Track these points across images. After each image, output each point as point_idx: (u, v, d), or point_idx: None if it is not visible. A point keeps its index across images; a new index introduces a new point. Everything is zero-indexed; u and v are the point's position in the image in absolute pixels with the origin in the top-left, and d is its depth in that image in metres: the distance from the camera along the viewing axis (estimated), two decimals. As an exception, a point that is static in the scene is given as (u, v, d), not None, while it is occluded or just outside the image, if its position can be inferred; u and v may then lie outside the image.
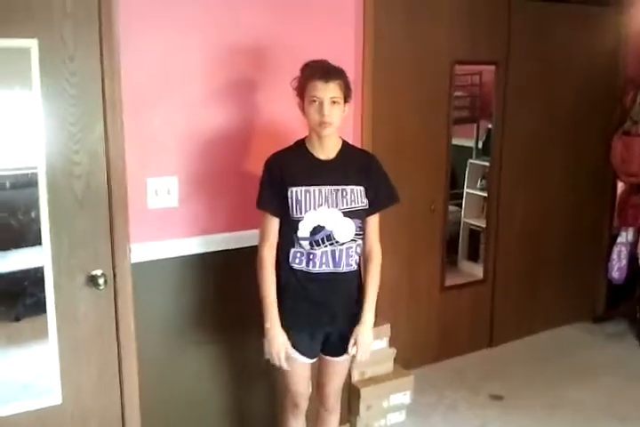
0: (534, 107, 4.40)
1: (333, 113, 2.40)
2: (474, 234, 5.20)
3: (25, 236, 2.52)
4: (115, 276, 2.61)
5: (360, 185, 2.52)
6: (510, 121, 4.33)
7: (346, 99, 2.46)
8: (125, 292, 2.64)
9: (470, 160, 5.46)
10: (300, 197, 2.45)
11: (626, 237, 4.74)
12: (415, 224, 4.02)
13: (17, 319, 2.62)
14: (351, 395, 3.41)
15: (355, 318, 2.59)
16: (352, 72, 3.20)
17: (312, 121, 2.42)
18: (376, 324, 3.42)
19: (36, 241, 2.48)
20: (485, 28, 4.07)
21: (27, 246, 2.54)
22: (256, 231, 2.92)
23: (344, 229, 2.49)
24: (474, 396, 3.90)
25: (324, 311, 2.56)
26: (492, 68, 4.27)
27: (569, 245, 4.81)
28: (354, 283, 2.63)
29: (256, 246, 2.93)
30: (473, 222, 5.23)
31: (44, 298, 2.52)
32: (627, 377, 4.16)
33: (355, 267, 2.59)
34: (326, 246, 2.49)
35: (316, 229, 2.46)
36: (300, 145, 2.54)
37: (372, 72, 3.38)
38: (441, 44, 3.89)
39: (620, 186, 4.84)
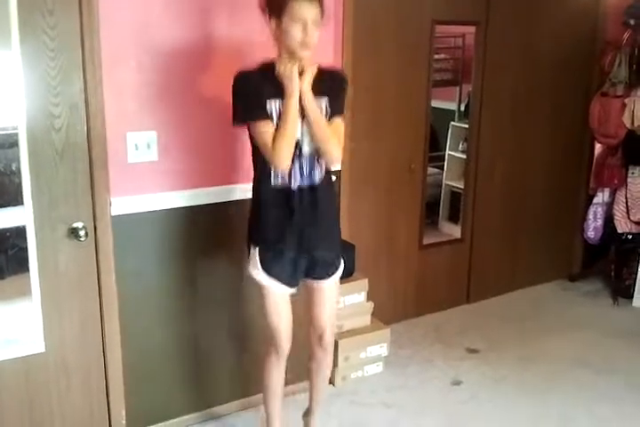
0: (514, 68, 4.44)
1: (315, 35, 2.37)
2: (455, 196, 5.25)
3: (7, 192, 2.57)
4: (95, 228, 2.67)
5: (327, 96, 2.50)
6: (490, 83, 4.37)
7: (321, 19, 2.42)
8: (106, 243, 2.71)
9: (452, 123, 5.50)
10: (279, 110, 2.41)
11: (602, 197, 4.82)
12: (394, 183, 4.08)
13: (1, 277, 2.68)
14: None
15: (335, 242, 2.67)
16: (332, 31, 3.23)
17: (292, 42, 2.35)
18: (354, 279, 3.56)
19: (19, 198, 2.53)
20: (466, -12, 4.10)
21: (10, 206, 2.59)
22: (236, 186, 3.01)
23: (309, 139, 2.49)
24: (450, 349, 4.00)
25: (304, 228, 2.53)
26: (474, 29, 4.30)
27: (546, 205, 4.90)
28: (329, 196, 2.63)
29: (236, 201, 3.01)
30: (454, 184, 5.28)
31: (28, 254, 2.58)
32: (601, 332, 4.27)
33: (321, 179, 2.56)
34: (299, 159, 2.47)
35: (295, 143, 2.44)
36: (269, 65, 2.45)
37: (351, 31, 3.40)
38: (421, 3, 3.91)
39: (598, 147, 4.90)
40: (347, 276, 3.45)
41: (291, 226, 2.52)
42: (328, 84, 2.51)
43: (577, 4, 4.62)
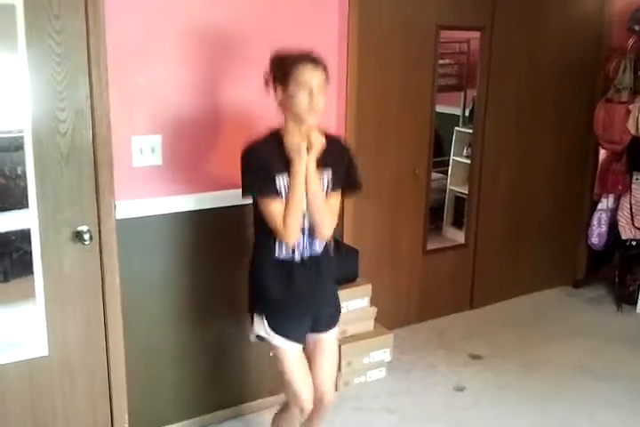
0: (518, 74, 4.44)
1: (321, 100, 2.35)
2: (459, 201, 5.27)
3: (13, 196, 2.58)
4: (100, 231, 2.67)
5: (330, 167, 2.47)
6: (494, 88, 4.37)
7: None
8: (110, 247, 2.70)
9: (457, 128, 5.51)
10: (287, 186, 2.39)
11: (606, 203, 4.82)
12: (399, 189, 4.09)
13: (6, 280, 2.68)
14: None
15: (336, 303, 2.69)
16: (336, 36, 3.25)
17: (298, 108, 2.34)
18: (358, 284, 3.57)
19: (24, 201, 2.54)
20: (471, -6, 4.11)
21: (15, 207, 2.60)
22: (238, 191, 2.99)
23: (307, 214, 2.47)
24: (453, 355, 4.00)
25: (311, 297, 2.54)
26: (479, 35, 4.30)
27: (551, 211, 4.89)
28: (329, 262, 2.62)
29: (239, 205, 3.00)
30: (458, 190, 5.30)
31: (32, 257, 2.58)
32: (604, 339, 4.26)
33: (321, 249, 2.56)
34: (302, 231, 2.47)
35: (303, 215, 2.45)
36: (276, 136, 2.44)
37: (357, 37, 3.42)
38: (426, 8, 3.92)
39: (602, 153, 4.90)
40: (350, 281, 3.47)
41: (294, 295, 2.51)
42: (332, 155, 2.47)
43: (582, 9, 4.62)
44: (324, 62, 2.38)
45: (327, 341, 2.67)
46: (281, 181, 2.39)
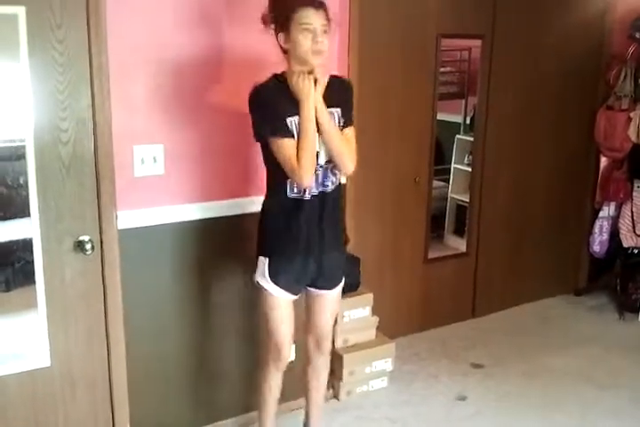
0: (519, 81, 4.44)
1: (324, 41, 2.38)
2: (460, 209, 5.25)
3: (14, 205, 2.57)
4: (102, 241, 2.67)
5: (338, 106, 2.52)
6: (495, 95, 4.37)
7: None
8: (112, 257, 2.71)
9: (458, 136, 5.50)
10: (298, 126, 2.43)
11: (608, 211, 4.82)
12: (400, 196, 4.08)
13: (7, 289, 2.68)
14: (334, 361, 3.49)
15: (339, 252, 2.70)
16: (337, 45, 3.25)
17: (303, 50, 2.37)
18: (359, 293, 3.56)
19: (26, 211, 2.54)
20: (471, 2, 4.11)
21: (17, 217, 2.59)
22: (242, 200, 3.02)
23: (324, 149, 2.51)
24: (455, 364, 3.99)
25: (312, 236, 2.56)
26: (480, 43, 4.30)
27: (552, 219, 4.88)
28: (337, 205, 2.65)
29: (242, 215, 3.00)
30: (460, 198, 5.28)
31: (34, 266, 2.58)
32: (606, 348, 4.25)
33: (333, 187, 2.58)
34: (317, 170, 2.50)
35: None
36: (281, 79, 2.47)
37: (357, 44, 3.42)
38: (427, 17, 3.92)
39: (603, 161, 4.89)
40: (352, 290, 3.45)
41: (300, 232, 2.54)
42: (337, 93, 2.53)
43: (583, 17, 4.62)
44: (324, 3, 2.41)
45: (328, 297, 2.74)
46: (292, 122, 2.42)
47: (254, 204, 2.94)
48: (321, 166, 2.51)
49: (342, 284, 2.78)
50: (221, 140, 2.94)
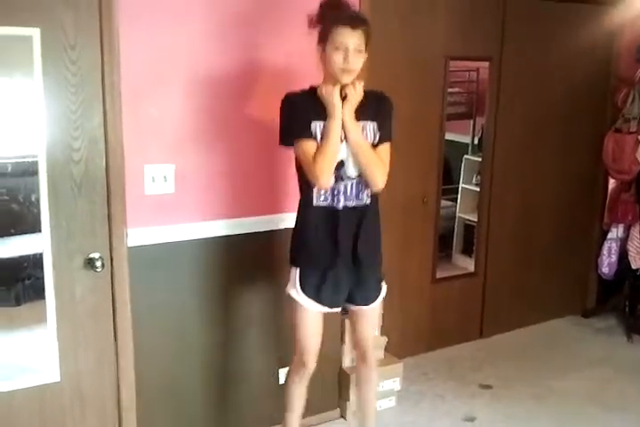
0: (527, 103, 4.47)
1: (357, 61, 2.43)
2: (468, 229, 5.26)
3: (26, 222, 2.60)
4: (112, 259, 2.70)
5: (374, 121, 2.55)
6: (503, 117, 4.40)
7: (367, 46, 2.49)
8: (122, 274, 2.73)
9: (466, 156, 5.53)
10: (322, 131, 2.47)
11: (616, 233, 4.82)
12: (408, 216, 4.09)
13: (18, 304, 2.70)
14: (341, 380, 3.50)
15: (376, 265, 2.74)
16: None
17: (334, 67, 2.43)
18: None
19: (37, 227, 2.57)
20: (479, 25, 4.15)
21: (28, 233, 2.62)
22: (253, 219, 3.04)
23: (354, 162, 2.53)
24: (463, 385, 3.97)
25: (347, 248, 2.58)
26: (488, 64, 4.34)
27: (560, 240, 4.89)
28: (374, 218, 2.67)
29: (254, 233, 3.03)
30: (468, 217, 5.30)
31: (44, 282, 2.61)
32: (614, 370, 4.23)
33: (368, 200, 2.61)
34: (344, 181, 2.52)
35: (339, 164, 2.50)
36: (314, 90, 2.53)
37: (367, 64, 3.41)
38: (435, 39, 3.96)
39: (612, 183, 4.90)
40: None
41: (334, 245, 2.56)
42: (374, 107, 2.57)
43: (590, 39, 4.64)
44: (365, 22, 2.47)
45: (369, 312, 2.78)
46: (317, 127, 2.47)
47: (270, 222, 3.04)
48: (352, 178, 2.54)
49: (381, 297, 2.79)
50: (235, 160, 2.98)
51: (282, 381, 3.20)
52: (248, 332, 3.17)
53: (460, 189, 5.48)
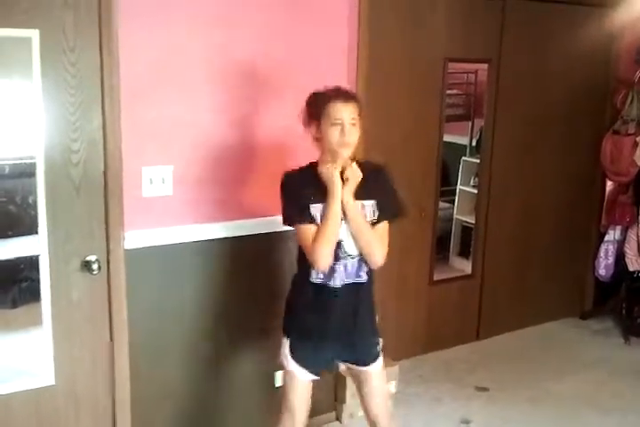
0: (526, 105, 4.46)
1: (353, 134, 2.42)
2: (466, 231, 5.26)
3: (23, 224, 2.60)
4: (108, 261, 2.69)
5: (373, 199, 2.53)
6: (501, 119, 4.39)
7: (360, 120, 2.47)
8: (119, 277, 2.72)
9: (464, 158, 5.53)
10: (321, 213, 2.45)
11: (613, 235, 4.82)
12: (405, 219, 4.06)
13: (14, 306, 2.69)
14: (337, 383, 3.49)
15: (374, 336, 2.70)
16: (345, 68, 3.28)
17: (332, 143, 2.41)
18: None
19: (34, 229, 2.56)
20: (478, 27, 4.14)
21: (25, 235, 2.62)
22: (252, 221, 3.03)
23: (354, 242, 2.51)
24: (459, 387, 3.97)
25: (343, 326, 2.56)
26: (487, 66, 4.33)
27: (558, 242, 4.89)
28: (371, 293, 2.66)
29: (251, 235, 3.01)
30: (465, 219, 5.29)
31: (40, 285, 2.60)
32: (611, 372, 4.24)
33: (367, 277, 2.60)
34: (344, 259, 2.51)
35: (337, 244, 2.47)
36: (313, 168, 2.51)
37: (365, 66, 3.43)
38: (434, 41, 3.95)
39: (609, 185, 4.91)
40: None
41: (328, 323, 2.55)
42: (372, 184, 2.52)
43: (589, 41, 4.63)
44: (355, 96, 2.48)
45: (372, 376, 2.70)
46: (315, 210, 2.45)
47: (266, 224, 3.02)
48: (352, 257, 2.52)
49: (380, 362, 2.72)
50: (233, 162, 2.97)
51: (278, 383, 3.21)
52: (245, 334, 3.16)
53: (457, 190, 5.48)
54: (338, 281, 2.51)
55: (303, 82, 2.80)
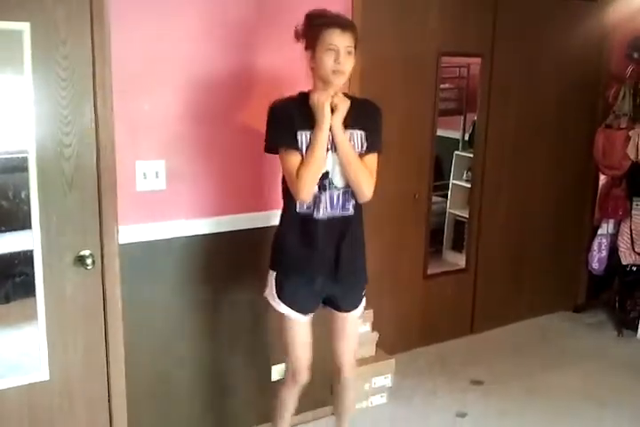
0: (519, 99, 4.47)
1: (347, 62, 2.41)
2: (459, 225, 5.26)
3: (16, 219, 2.58)
4: (102, 256, 2.67)
5: (362, 129, 2.52)
6: (495, 113, 4.40)
7: (355, 49, 2.46)
8: (113, 272, 2.70)
9: (457, 152, 5.53)
10: (308, 141, 2.44)
11: (606, 228, 4.83)
12: (399, 213, 4.09)
13: (7, 301, 2.68)
14: (333, 377, 3.48)
15: (360, 274, 2.68)
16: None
17: (325, 70, 2.41)
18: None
19: (27, 224, 2.54)
20: (472, 21, 4.14)
21: (17, 230, 2.60)
22: (244, 215, 3.02)
23: (341, 173, 2.51)
24: (454, 380, 3.98)
25: (328, 258, 2.55)
26: (480, 60, 4.33)
27: (551, 236, 4.90)
28: (358, 227, 2.64)
29: (245, 230, 3.01)
30: (458, 213, 5.29)
31: (34, 279, 2.58)
32: (605, 365, 4.25)
33: (353, 210, 2.58)
34: (330, 190, 2.50)
35: (324, 175, 2.47)
36: (304, 96, 2.50)
37: (359, 60, 3.40)
38: (428, 35, 3.95)
39: (602, 178, 4.91)
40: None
41: (313, 254, 2.54)
42: (363, 116, 2.54)
43: (582, 36, 4.64)
44: (353, 26, 2.47)
45: (348, 321, 2.72)
46: (302, 137, 2.45)
47: (256, 219, 2.98)
48: (338, 189, 2.51)
49: (362, 307, 2.75)
50: (226, 157, 2.96)
51: (274, 378, 3.21)
52: (239, 329, 3.15)
53: (450, 185, 5.47)
54: (322, 212, 2.49)
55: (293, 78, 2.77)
